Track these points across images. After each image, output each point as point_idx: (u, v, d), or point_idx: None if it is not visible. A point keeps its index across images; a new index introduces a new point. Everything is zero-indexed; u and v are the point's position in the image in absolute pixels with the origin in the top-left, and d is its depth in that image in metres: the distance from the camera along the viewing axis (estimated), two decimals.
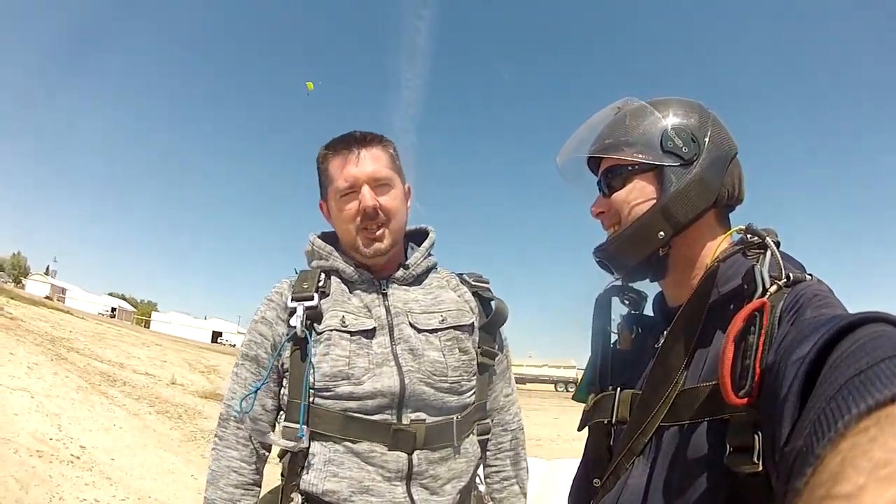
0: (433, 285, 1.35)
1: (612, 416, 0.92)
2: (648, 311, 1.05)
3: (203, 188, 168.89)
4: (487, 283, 1.41)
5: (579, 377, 1.21)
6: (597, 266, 0.99)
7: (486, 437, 1.34)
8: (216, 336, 65.57)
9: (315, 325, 1.21)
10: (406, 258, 1.35)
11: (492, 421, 1.38)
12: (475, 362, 1.29)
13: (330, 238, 1.36)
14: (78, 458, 5.80)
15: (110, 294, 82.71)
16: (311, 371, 1.17)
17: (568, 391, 37.58)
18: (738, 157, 0.93)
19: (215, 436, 1.28)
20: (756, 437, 0.65)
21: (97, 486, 5.18)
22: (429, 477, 1.18)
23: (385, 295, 1.28)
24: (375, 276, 1.30)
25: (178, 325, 61.70)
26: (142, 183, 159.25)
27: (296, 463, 1.20)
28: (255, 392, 1.23)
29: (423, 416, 1.19)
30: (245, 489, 1.25)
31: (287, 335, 1.22)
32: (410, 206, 1.36)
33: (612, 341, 1.05)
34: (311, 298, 1.22)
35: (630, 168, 0.92)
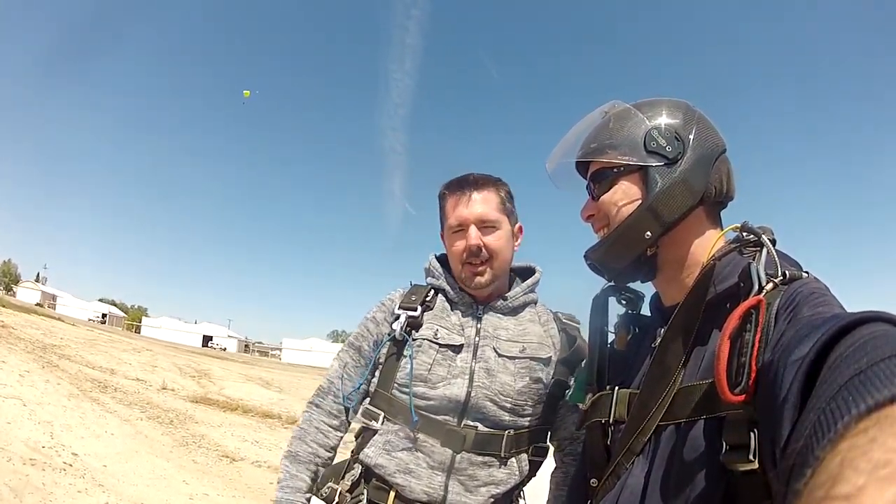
0: (525, 318, 1.48)
1: (609, 416, 0.92)
2: (646, 310, 1.06)
3: (192, 192, 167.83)
4: (578, 324, 1.52)
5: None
6: (589, 269, 0.99)
7: (540, 459, 1.45)
8: (207, 340, 65.70)
9: (414, 331, 1.41)
10: (509, 290, 1.49)
11: (563, 451, 1.48)
12: (545, 392, 1.42)
13: (445, 260, 1.53)
14: (71, 465, 5.75)
15: (101, 300, 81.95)
16: (400, 369, 1.38)
17: None
18: (727, 154, 0.93)
19: (311, 403, 1.52)
20: (752, 435, 0.65)
21: (90, 493, 5.14)
22: (467, 475, 1.33)
23: (479, 319, 1.44)
24: (476, 301, 1.46)
25: (169, 329, 61.50)
26: (131, 189, 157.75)
27: (365, 439, 1.40)
28: (359, 387, 1.46)
29: (478, 424, 1.35)
30: (327, 450, 1.47)
31: (388, 335, 1.42)
32: (519, 244, 1.51)
33: (610, 341, 1.05)
34: (415, 310, 1.43)
35: (615, 170, 0.92)
